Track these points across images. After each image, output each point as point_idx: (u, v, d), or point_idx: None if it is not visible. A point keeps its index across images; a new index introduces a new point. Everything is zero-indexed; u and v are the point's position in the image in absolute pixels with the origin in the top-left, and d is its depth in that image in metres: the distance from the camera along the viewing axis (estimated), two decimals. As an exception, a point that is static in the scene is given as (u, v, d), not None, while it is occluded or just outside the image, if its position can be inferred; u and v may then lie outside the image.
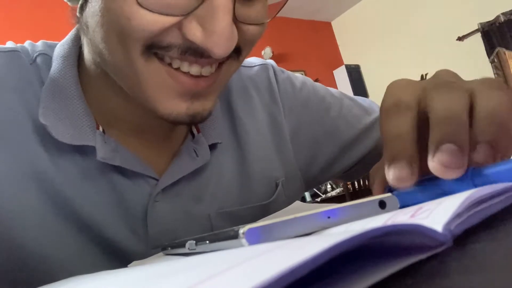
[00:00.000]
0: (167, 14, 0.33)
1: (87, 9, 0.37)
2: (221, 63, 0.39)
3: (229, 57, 0.38)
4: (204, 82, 0.38)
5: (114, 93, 0.43)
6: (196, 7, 0.33)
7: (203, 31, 0.34)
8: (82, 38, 0.43)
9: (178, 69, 0.37)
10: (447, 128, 0.25)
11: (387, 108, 0.29)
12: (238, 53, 0.39)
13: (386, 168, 0.26)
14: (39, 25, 2.90)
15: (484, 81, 0.28)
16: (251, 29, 0.38)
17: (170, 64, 0.37)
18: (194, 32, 0.34)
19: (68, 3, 0.39)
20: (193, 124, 0.40)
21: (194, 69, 0.37)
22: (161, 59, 0.36)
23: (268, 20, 0.40)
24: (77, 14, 0.39)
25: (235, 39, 0.35)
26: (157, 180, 0.44)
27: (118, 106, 0.44)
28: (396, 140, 0.27)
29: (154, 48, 0.35)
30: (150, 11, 0.33)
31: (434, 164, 0.24)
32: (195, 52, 0.35)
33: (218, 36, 0.33)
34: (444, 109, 0.26)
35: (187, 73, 0.37)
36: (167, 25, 0.34)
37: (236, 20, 0.35)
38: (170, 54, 0.36)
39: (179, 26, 0.34)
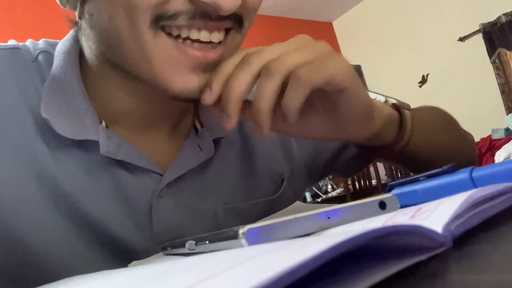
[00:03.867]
0: None
1: (88, 1, 0.38)
2: (227, 31, 0.39)
3: (232, 27, 0.39)
4: (213, 53, 0.38)
5: (118, 87, 0.43)
6: None
7: None
8: (80, 36, 0.44)
9: (187, 39, 0.37)
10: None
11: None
12: (240, 23, 0.39)
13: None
14: (39, 25, 2.90)
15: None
16: None
17: (178, 37, 0.37)
18: None
19: (65, 7, 0.40)
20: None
21: (204, 35, 0.37)
22: (169, 34, 0.37)
23: None
24: (76, 14, 0.40)
25: None
26: (161, 175, 0.44)
27: (121, 100, 0.44)
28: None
29: (161, 20, 0.36)
30: None
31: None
32: (203, 15, 0.36)
33: None
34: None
35: (195, 45, 0.37)
36: None
37: None
38: (178, 22, 0.36)
39: None
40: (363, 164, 0.64)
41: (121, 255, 0.43)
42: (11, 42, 0.46)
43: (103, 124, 0.43)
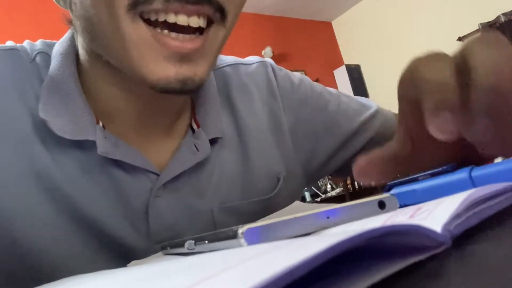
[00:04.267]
0: None
1: None
2: (208, 23, 0.39)
3: (213, 18, 0.38)
4: (191, 44, 0.37)
5: (110, 83, 0.43)
6: None
7: None
8: (75, 36, 0.44)
9: (165, 25, 0.36)
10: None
11: (425, 59, 0.28)
12: (222, 15, 0.39)
13: (428, 118, 0.25)
14: (39, 25, 2.90)
15: (477, 38, 0.27)
16: None
17: (157, 24, 0.36)
18: None
19: (59, 3, 0.40)
20: (184, 92, 0.39)
21: (181, 18, 0.36)
22: (147, 20, 0.36)
23: None
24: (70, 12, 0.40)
25: None
26: (158, 175, 0.44)
27: (115, 97, 0.44)
28: (436, 89, 0.26)
29: (138, 4, 0.35)
30: None
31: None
32: None
33: None
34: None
35: (173, 34, 0.36)
36: None
37: None
38: (154, 6, 0.35)
39: None
40: None
41: (119, 254, 0.43)
42: (9, 43, 0.47)
43: (100, 124, 0.43)
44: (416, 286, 0.13)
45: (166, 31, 0.37)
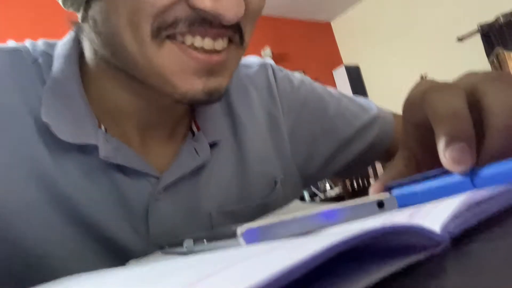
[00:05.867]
0: None
1: (92, 5, 0.37)
2: (229, 41, 0.39)
3: (233, 41, 0.40)
4: (218, 57, 0.38)
5: (119, 89, 0.43)
6: None
7: None
8: (82, 38, 0.44)
9: (191, 45, 0.37)
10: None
11: (436, 86, 0.28)
12: (241, 35, 0.40)
13: (441, 148, 0.25)
14: (40, 26, 2.90)
15: (488, 76, 0.27)
16: (253, 2, 0.39)
17: (183, 43, 0.37)
18: (203, 0, 0.35)
19: (69, 9, 0.40)
20: (210, 103, 0.40)
21: (207, 42, 0.37)
22: (173, 38, 0.37)
23: None
24: (79, 16, 0.40)
25: (243, 4, 0.36)
26: (158, 178, 0.44)
27: (122, 102, 0.44)
28: (453, 118, 0.25)
29: (162, 30, 0.36)
30: None
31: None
32: (203, 22, 0.36)
33: (228, 1, 0.35)
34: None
35: (200, 49, 0.37)
36: None
37: None
38: (178, 30, 0.36)
39: None
40: (360, 168, 0.64)
41: (118, 256, 0.43)
42: (11, 43, 0.46)
43: (102, 128, 0.43)
44: (415, 285, 0.13)
45: (193, 43, 0.37)
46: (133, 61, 0.38)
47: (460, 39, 3.96)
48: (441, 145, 0.25)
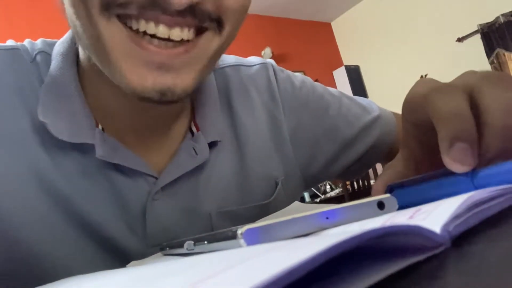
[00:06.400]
0: None
1: None
2: (199, 33, 0.37)
3: (207, 27, 0.37)
4: (174, 51, 0.35)
5: (109, 90, 0.42)
6: None
7: None
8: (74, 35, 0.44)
9: (144, 34, 0.35)
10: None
11: (437, 87, 0.28)
12: (219, 24, 0.37)
13: (444, 149, 0.25)
14: (40, 26, 2.90)
15: (486, 76, 0.27)
16: None
17: (136, 31, 0.35)
18: None
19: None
20: (164, 103, 0.36)
21: (162, 30, 0.34)
22: (124, 23, 0.35)
23: None
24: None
25: None
26: (156, 178, 0.44)
27: (114, 103, 0.43)
28: (456, 119, 0.25)
29: (112, 6, 0.34)
30: None
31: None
32: (153, 5, 0.33)
33: None
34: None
35: (154, 40, 0.35)
36: None
37: None
38: (128, 11, 0.34)
39: None
40: (362, 170, 0.64)
41: (116, 256, 0.43)
42: (10, 42, 0.46)
43: (100, 127, 0.43)
44: (415, 286, 0.13)
45: (147, 37, 0.35)
46: (88, 42, 0.36)
47: (460, 39, 3.96)
48: (443, 145, 0.25)
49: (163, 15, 0.34)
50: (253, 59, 0.60)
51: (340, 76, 4.77)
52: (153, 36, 0.35)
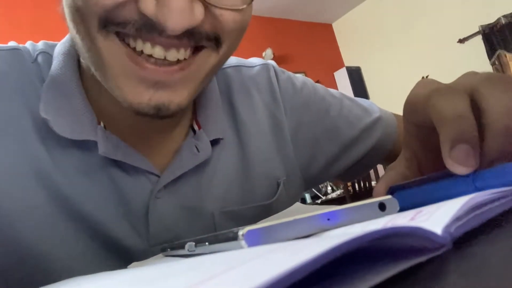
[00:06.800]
0: None
1: None
2: (196, 51, 0.37)
3: (204, 46, 0.37)
4: (171, 69, 0.36)
5: (109, 95, 0.42)
6: None
7: (157, 4, 0.32)
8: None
9: (141, 52, 0.35)
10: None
11: (439, 89, 0.28)
12: (216, 42, 0.38)
13: (446, 150, 0.25)
14: (40, 26, 2.91)
15: (488, 78, 0.28)
16: (225, 15, 0.36)
17: (133, 49, 0.35)
18: (147, 4, 0.33)
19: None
20: (159, 118, 0.37)
21: (158, 51, 0.35)
22: (121, 39, 0.35)
23: (245, 7, 0.37)
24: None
25: (194, 17, 0.33)
26: (158, 176, 0.44)
27: (115, 107, 0.44)
28: (458, 121, 0.25)
29: (110, 24, 0.34)
30: None
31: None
32: (150, 28, 0.34)
33: (170, 9, 0.32)
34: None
35: (151, 59, 0.35)
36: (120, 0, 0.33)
37: (205, 2, 0.34)
38: (127, 31, 0.34)
39: (135, 0, 0.33)
40: (362, 171, 0.64)
41: (118, 255, 0.43)
42: (11, 44, 0.47)
43: (102, 124, 0.43)
44: (417, 287, 0.13)
45: (144, 55, 0.35)
46: (87, 56, 0.37)
47: (461, 41, 3.96)
48: (445, 147, 0.25)
49: (159, 37, 0.34)
50: (254, 60, 0.60)
51: (341, 77, 4.77)
52: (149, 55, 0.35)
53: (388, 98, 3.29)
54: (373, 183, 2.94)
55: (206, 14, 0.35)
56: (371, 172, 2.90)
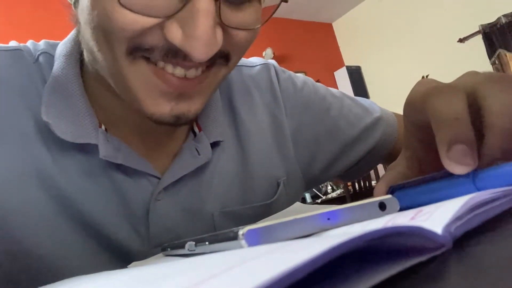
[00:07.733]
0: (148, 15, 0.33)
1: (79, 6, 0.37)
2: (209, 65, 0.39)
3: (216, 61, 0.38)
4: (190, 83, 0.38)
5: (111, 93, 0.43)
6: (178, 9, 0.33)
7: (183, 34, 0.33)
8: (80, 37, 0.44)
9: (163, 69, 0.37)
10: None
11: (437, 88, 0.28)
12: (226, 58, 0.39)
13: (443, 151, 0.25)
14: (40, 26, 2.90)
15: (488, 78, 0.28)
16: (240, 34, 0.38)
17: (156, 64, 0.37)
18: (175, 34, 0.34)
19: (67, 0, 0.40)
20: (177, 125, 0.39)
21: (178, 71, 0.36)
22: (147, 59, 0.36)
23: (258, 26, 0.40)
24: (72, 11, 0.39)
25: (216, 44, 0.35)
26: (159, 178, 0.44)
27: (116, 106, 0.44)
28: (454, 122, 0.26)
29: (138, 51, 0.35)
30: (131, 11, 0.33)
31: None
32: (176, 54, 0.35)
33: (197, 40, 0.33)
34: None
35: (172, 75, 0.37)
36: (147, 26, 0.34)
37: (222, 24, 0.35)
38: (154, 55, 0.36)
39: (161, 27, 0.34)
40: (363, 171, 0.64)
41: (118, 256, 0.43)
42: (12, 43, 0.46)
43: (103, 127, 0.43)
44: (417, 287, 0.13)
45: (164, 68, 0.37)
46: (107, 71, 0.38)
47: (462, 40, 3.96)
48: (442, 148, 0.25)
49: (182, 62, 0.36)
50: (254, 60, 0.60)
51: (342, 77, 4.77)
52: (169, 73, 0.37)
53: (388, 97, 3.29)
54: (373, 182, 2.94)
55: (223, 35, 0.36)
56: (371, 171, 2.90)
